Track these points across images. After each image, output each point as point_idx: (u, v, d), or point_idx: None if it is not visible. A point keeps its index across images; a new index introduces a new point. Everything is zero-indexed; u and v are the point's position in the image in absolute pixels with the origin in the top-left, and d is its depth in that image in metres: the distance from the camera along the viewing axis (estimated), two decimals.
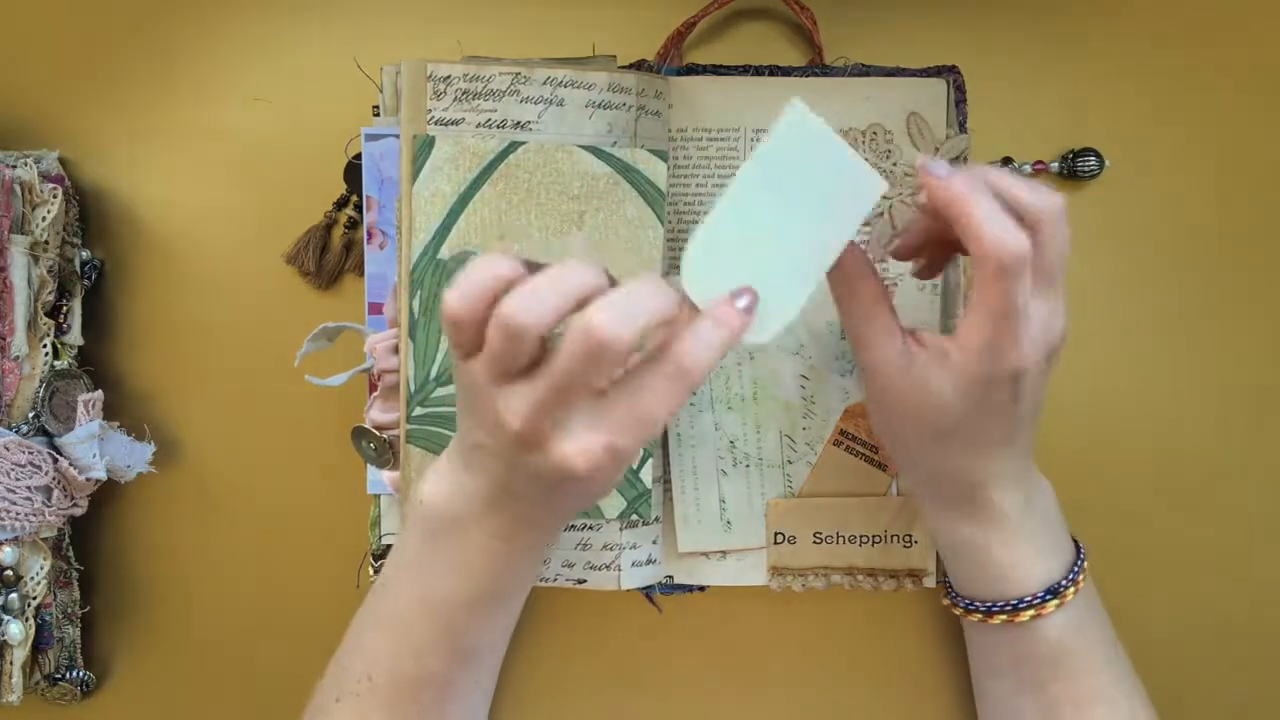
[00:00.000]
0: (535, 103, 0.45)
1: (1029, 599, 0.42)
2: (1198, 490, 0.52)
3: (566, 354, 0.34)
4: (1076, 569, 0.43)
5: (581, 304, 0.34)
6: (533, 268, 0.35)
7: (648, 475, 0.47)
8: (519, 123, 0.46)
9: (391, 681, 0.42)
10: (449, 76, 0.45)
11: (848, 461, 0.49)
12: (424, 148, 0.45)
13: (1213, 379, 0.52)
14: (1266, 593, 0.52)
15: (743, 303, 0.36)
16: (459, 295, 0.35)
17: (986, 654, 0.46)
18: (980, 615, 0.44)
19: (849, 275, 0.40)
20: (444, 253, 0.46)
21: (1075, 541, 0.44)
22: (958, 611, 0.45)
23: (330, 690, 0.44)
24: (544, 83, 0.45)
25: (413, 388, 0.46)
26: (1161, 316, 0.52)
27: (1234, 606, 0.52)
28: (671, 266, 0.50)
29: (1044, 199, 0.38)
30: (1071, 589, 0.42)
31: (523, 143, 0.45)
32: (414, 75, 0.45)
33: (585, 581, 0.48)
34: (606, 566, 0.48)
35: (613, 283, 0.35)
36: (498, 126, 0.46)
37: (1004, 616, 0.43)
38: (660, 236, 0.46)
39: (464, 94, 0.45)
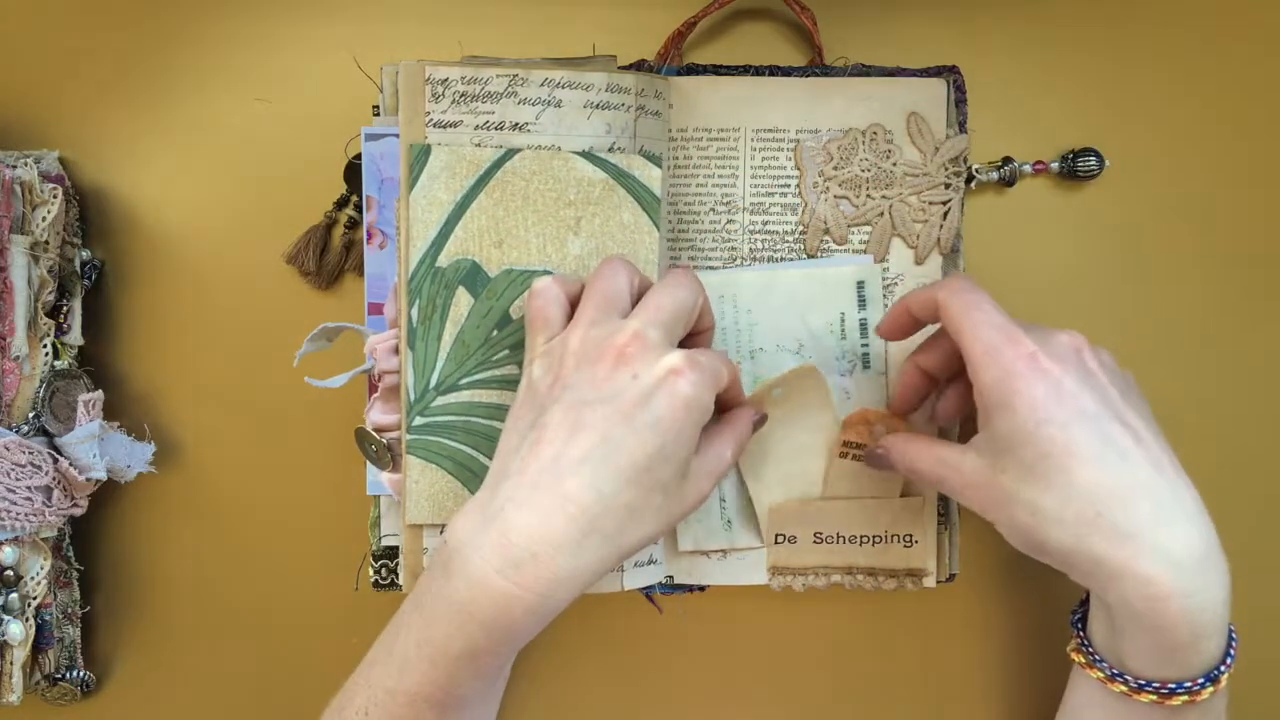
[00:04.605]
0: (533, 104, 0.45)
1: (1188, 685, 0.39)
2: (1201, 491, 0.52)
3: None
4: (1232, 651, 0.40)
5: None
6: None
7: None
8: (517, 124, 0.46)
9: None
10: (447, 79, 0.45)
11: (856, 470, 0.49)
12: (420, 156, 0.45)
13: (1213, 379, 0.52)
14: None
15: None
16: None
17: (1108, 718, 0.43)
18: (1126, 689, 0.40)
19: (896, 456, 0.45)
20: (442, 261, 0.46)
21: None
22: (1096, 674, 0.42)
23: (333, 718, 0.43)
24: (541, 84, 0.45)
25: (412, 397, 0.46)
26: (1162, 317, 0.52)
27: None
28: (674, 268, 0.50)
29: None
30: (1226, 675, 0.40)
31: (519, 150, 0.45)
32: (411, 78, 0.45)
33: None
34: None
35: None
36: (495, 128, 0.45)
37: (1153, 697, 0.40)
38: (656, 241, 0.46)
39: (462, 96, 0.45)
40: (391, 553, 0.50)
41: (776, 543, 0.50)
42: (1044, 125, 0.52)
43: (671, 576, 0.50)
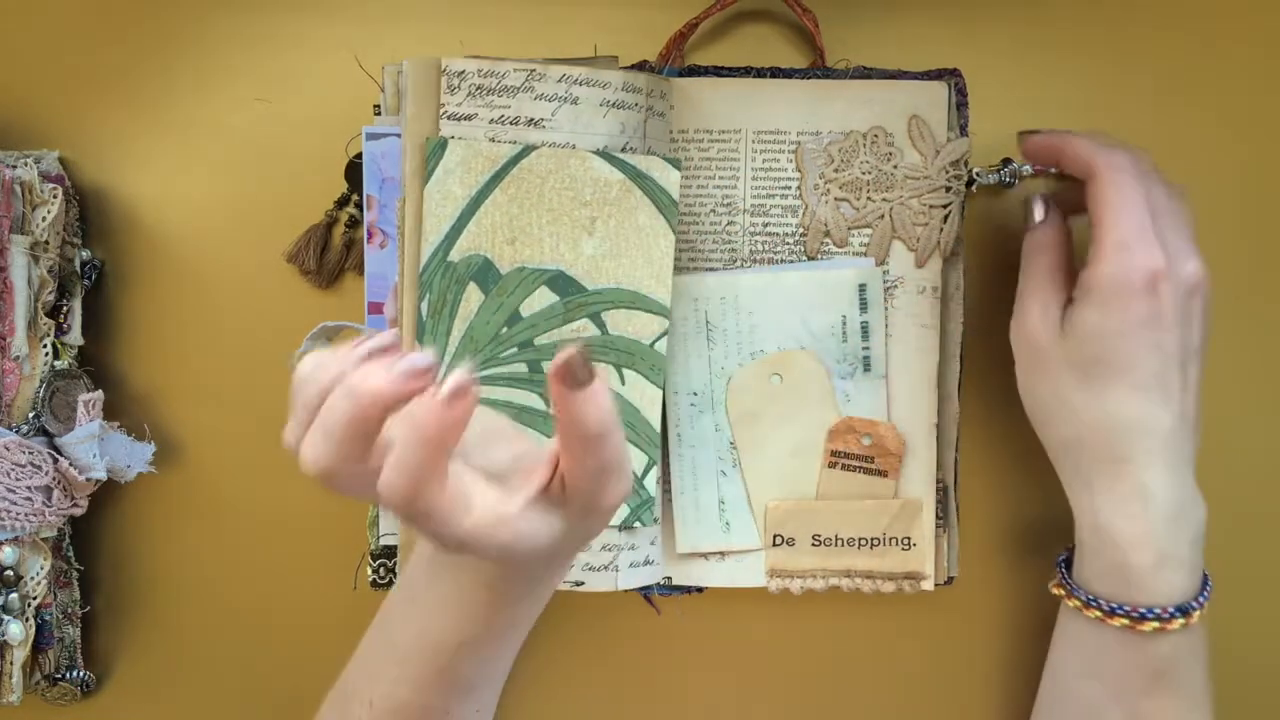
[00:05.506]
0: (549, 100, 0.45)
1: (1157, 611, 0.41)
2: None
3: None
4: (1206, 593, 0.42)
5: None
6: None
7: (651, 483, 0.48)
8: (533, 120, 0.45)
9: (392, 710, 0.41)
10: (463, 71, 0.45)
11: (847, 479, 0.50)
12: (436, 150, 0.45)
13: (1212, 380, 0.52)
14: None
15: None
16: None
17: (1086, 652, 0.44)
18: (1100, 613, 0.42)
19: (1030, 250, 0.45)
20: (454, 256, 0.45)
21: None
22: (1073, 603, 0.44)
23: (334, 711, 0.44)
24: (559, 80, 0.45)
25: None
26: None
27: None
28: (679, 272, 0.49)
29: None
30: (1198, 612, 0.41)
31: (536, 147, 0.45)
32: (423, 72, 0.45)
33: (583, 584, 0.48)
34: (605, 567, 0.48)
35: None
36: (511, 123, 0.45)
37: (1125, 621, 0.41)
38: (672, 244, 0.46)
39: (478, 89, 0.45)
40: (390, 552, 0.50)
41: (775, 545, 0.50)
42: (1044, 126, 0.52)
43: (669, 578, 0.51)
